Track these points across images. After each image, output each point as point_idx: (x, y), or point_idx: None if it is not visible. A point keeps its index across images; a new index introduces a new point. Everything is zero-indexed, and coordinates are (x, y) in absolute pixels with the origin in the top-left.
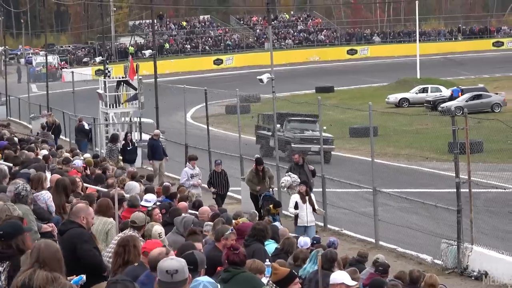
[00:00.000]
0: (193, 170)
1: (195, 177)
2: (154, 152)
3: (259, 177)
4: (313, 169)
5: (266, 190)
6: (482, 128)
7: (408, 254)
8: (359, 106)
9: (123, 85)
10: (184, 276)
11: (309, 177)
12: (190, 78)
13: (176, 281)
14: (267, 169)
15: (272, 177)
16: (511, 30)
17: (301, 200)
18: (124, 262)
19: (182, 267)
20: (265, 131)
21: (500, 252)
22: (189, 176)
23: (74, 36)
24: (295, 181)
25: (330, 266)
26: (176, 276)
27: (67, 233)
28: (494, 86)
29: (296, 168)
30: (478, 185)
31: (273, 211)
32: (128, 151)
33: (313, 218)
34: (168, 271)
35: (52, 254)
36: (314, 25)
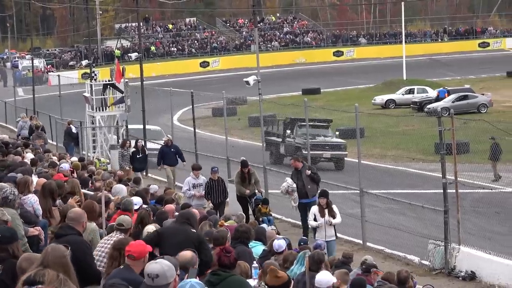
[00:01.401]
0: (197, 180)
1: (199, 187)
2: (164, 158)
3: (245, 179)
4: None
5: (253, 192)
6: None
7: (396, 255)
8: (346, 107)
9: (110, 88)
10: (166, 281)
11: (305, 184)
12: (177, 81)
13: (157, 285)
14: (252, 172)
15: (258, 181)
16: (497, 31)
17: (319, 213)
18: (119, 265)
19: (164, 272)
20: (275, 137)
21: (487, 252)
22: (190, 186)
23: (60, 39)
24: (290, 186)
25: (318, 267)
26: (157, 280)
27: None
28: (480, 87)
29: (294, 174)
30: (464, 186)
31: (264, 211)
32: (138, 159)
33: (332, 233)
34: (149, 274)
35: (58, 258)
36: (300, 27)
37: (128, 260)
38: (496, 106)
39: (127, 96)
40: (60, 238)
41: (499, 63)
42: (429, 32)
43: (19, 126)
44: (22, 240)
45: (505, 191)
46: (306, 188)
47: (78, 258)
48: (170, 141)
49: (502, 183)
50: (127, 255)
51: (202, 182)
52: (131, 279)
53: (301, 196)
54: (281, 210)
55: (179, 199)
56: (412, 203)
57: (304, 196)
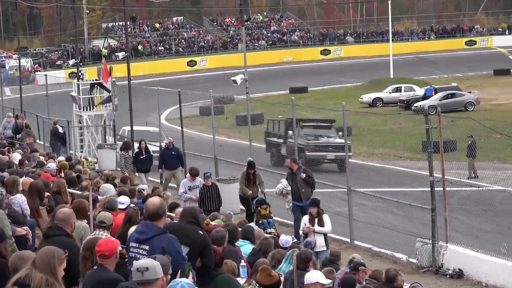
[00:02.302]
0: (193, 182)
1: (195, 189)
2: (165, 162)
3: (250, 180)
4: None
5: (256, 193)
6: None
7: (383, 253)
8: (333, 106)
9: (97, 87)
10: (155, 276)
11: (299, 187)
12: (164, 80)
13: (146, 279)
14: (258, 173)
15: (262, 182)
16: (484, 29)
17: (309, 222)
18: (92, 265)
19: (154, 267)
20: (276, 138)
21: (474, 250)
22: (186, 188)
23: (47, 39)
24: (284, 188)
25: (305, 266)
26: (146, 273)
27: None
28: (467, 85)
29: (290, 176)
30: (452, 184)
31: (264, 213)
32: (141, 159)
33: (322, 243)
34: (138, 268)
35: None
36: (287, 25)
37: (101, 260)
38: (483, 104)
39: (114, 95)
40: (49, 239)
41: (486, 61)
42: (416, 30)
43: (2, 125)
44: (10, 240)
45: (493, 189)
46: (300, 191)
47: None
48: (171, 143)
49: (489, 181)
50: (99, 255)
51: (198, 184)
52: (108, 279)
53: (295, 199)
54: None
55: (167, 199)
56: (400, 201)
57: (297, 199)
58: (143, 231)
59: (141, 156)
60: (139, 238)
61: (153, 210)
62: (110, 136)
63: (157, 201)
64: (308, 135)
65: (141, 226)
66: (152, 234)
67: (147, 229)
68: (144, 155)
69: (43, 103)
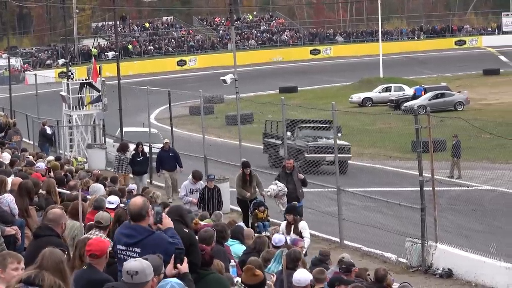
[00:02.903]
0: (195, 185)
1: (197, 192)
2: (163, 164)
3: (246, 182)
4: (302, 178)
5: (254, 196)
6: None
7: (373, 253)
8: (323, 105)
9: (86, 87)
10: (145, 279)
11: (297, 187)
12: (154, 80)
13: (136, 282)
14: (254, 174)
15: (260, 183)
16: (473, 29)
17: (286, 229)
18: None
19: (144, 270)
20: (274, 139)
21: (464, 249)
22: (188, 191)
23: (37, 38)
24: (281, 190)
25: (294, 265)
26: (136, 277)
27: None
28: (457, 85)
29: (284, 176)
30: (441, 183)
31: (260, 216)
32: (138, 162)
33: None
34: (128, 271)
35: (56, 263)
36: (277, 25)
37: (91, 259)
38: (472, 104)
39: (104, 95)
40: (38, 239)
41: (475, 61)
42: (406, 30)
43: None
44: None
45: (482, 189)
46: (297, 191)
47: None
48: (168, 145)
49: (478, 180)
50: (89, 254)
51: (200, 187)
52: (98, 279)
53: (291, 200)
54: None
55: (157, 199)
56: (389, 201)
57: (294, 200)
58: (131, 235)
59: (138, 158)
60: (127, 242)
61: (136, 211)
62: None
63: (139, 202)
64: (307, 136)
65: (127, 229)
66: (142, 236)
67: (134, 232)
68: (141, 157)
69: (33, 102)
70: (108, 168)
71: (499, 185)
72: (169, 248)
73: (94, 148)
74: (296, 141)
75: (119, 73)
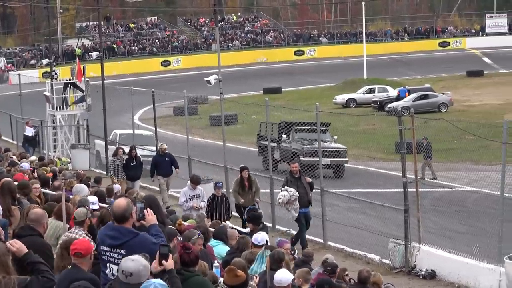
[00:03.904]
0: (194, 191)
1: (196, 198)
2: (158, 168)
3: (244, 186)
4: (310, 181)
5: (250, 203)
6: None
7: (356, 254)
8: (307, 106)
9: (70, 87)
10: (139, 280)
11: (307, 191)
12: (138, 80)
13: (130, 283)
14: (253, 179)
15: (258, 190)
16: (457, 30)
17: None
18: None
19: (139, 271)
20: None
21: (447, 251)
22: (187, 197)
23: (20, 38)
24: (293, 195)
25: (278, 266)
26: (130, 278)
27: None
28: (441, 86)
29: (293, 181)
30: (425, 185)
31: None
32: (132, 166)
33: None
34: (123, 271)
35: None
36: (261, 26)
37: (75, 259)
38: (456, 105)
39: (88, 95)
40: (20, 239)
41: (459, 62)
42: (390, 31)
43: None
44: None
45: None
46: (308, 195)
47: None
48: (164, 149)
49: (462, 182)
50: (74, 253)
51: (199, 193)
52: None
53: (302, 205)
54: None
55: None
56: (373, 202)
57: (306, 205)
58: (115, 236)
59: (132, 163)
60: (112, 244)
61: (119, 213)
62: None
63: (123, 203)
64: (303, 139)
65: (111, 230)
66: (126, 238)
67: (119, 234)
68: (134, 162)
69: (17, 102)
70: (91, 168)
71: (482, 186)
72: (153, 248)
73: (78, 148)
74: (291, 144)
75: (103, 73)
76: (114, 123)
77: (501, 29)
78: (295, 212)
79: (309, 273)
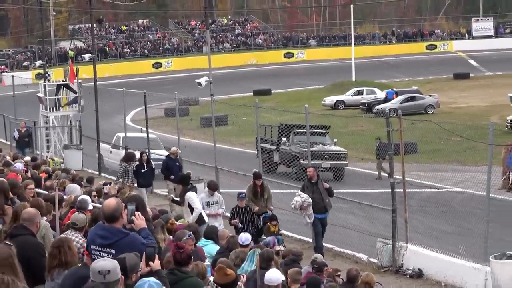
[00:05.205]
0: (211, 198)
1: (214, 205)
2: (171, 172)
3: (257, 194)
4: (328, 187)
5: (264, 210)
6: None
7: (345, 253)
8: (296, 108)
9: (63, 88)
10: (116, 277)
11: (323, 197)
12: (130, 82)
13: (108, 281)
14: (266, 186)
15: (270, 197)
16: (444, 34)
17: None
18: (59, 263)
19: (115, 268)
20: (268, 145)
21: (434, 250)
22: (204, 204)
23: (14, 40)
24: (305, 201)
25: (268, 265)
26: (108, 276)
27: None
28: (428, 88)
29: (309, 187)
30: (412, 185)
31: (273, 230)
32: (142, 174)
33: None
34: (100, 271)
35: (4, 260)
36: (252, 29)
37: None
38: (443, 107)
39: (80, 96)
40: (14, 238)
41: (446, 65)
42: (378, 34)
43: None
44: None
45: (452, 191)
46: (324, 201)
47: (32, 258)
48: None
49: (449, 182)
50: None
51: (217, 199)
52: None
53: (317, 211)
54: None
55: None
56: (361, 202)
57: (321, 211)
58: (105, 236)
59: (142, 169)
60: (102, 243)
61: (109, 213)
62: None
63: (113, 204)
64: (303, 142)
65: (101, 230)
66: (116, 238)
67: (109, 233)
68: (145, 168)
69: (10, 103)
70: (84, 168)
71: (469, 187)
72: (142, 249)
73: (70, 148)
74: (291, 147)
75: (96, 75)
76: (107, 124)
77: (487, 32)
78: (309, 218)
79: (299, 273)
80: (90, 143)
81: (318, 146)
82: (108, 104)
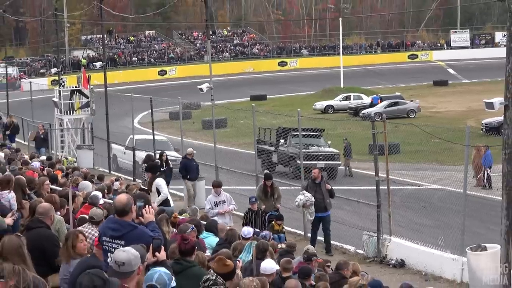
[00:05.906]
0: (218, 197)
1: (222, 204)
2: (188, 172)
3: (267, 193)
4: (330, 188)
5: (271, 209)
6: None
7: (334, 245)
8: (289, 112)
9: (76, 93)
10: (131, 269)
11: (325, 197)
12: (137, 87)
13: (122, 271)
14: (276, 186)
15: (280, 196)
16: (424, 44)
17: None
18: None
19: (130, 261)
20: (267, 146)
21: (415, 242)
22: (212, 204)
23: (31, 49)
24: (308, 200)
25: (263, 255)
26: (123, 267)
27: (35, 232)
28: (409, 94)
29: (312, 187)
30: (395, 183)
31: (277, 228)
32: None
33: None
34: (116, 261)
35: (14, 249)
36: (249, 39)
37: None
38: (423, 111)
39: (92, 101)
40: (31, 230)
41: (426, 73)
42: (364, 45)
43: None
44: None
45: (432, 188)
46: (325, 201)
47: (47, 248)
48: (191, 155)
49: (429, 180)
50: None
51: (224, 198)
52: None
53: (318, 210)
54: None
55: None
56: (349, 199)
57: (322, 210)
58: (116, 228)
59: (161, 168)
60: (113, 235)
61: (120, 207)
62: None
63: (124, 199)
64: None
65: (113, 223)
66: (126, 230)
67: (119, 226)
68: (164, 167)
69: (28, 107)
70: (95, 167)
71: (447, 184)
72: (149, 241)
73: (83, 149)
74: (289, 148)
75: (106, 82)
76: (116, 126)
77: (464, 43)
78: (310, 216)
79: (289, 262)
80: (101, 143)
81: (313, 148)
82: (118, 108)
